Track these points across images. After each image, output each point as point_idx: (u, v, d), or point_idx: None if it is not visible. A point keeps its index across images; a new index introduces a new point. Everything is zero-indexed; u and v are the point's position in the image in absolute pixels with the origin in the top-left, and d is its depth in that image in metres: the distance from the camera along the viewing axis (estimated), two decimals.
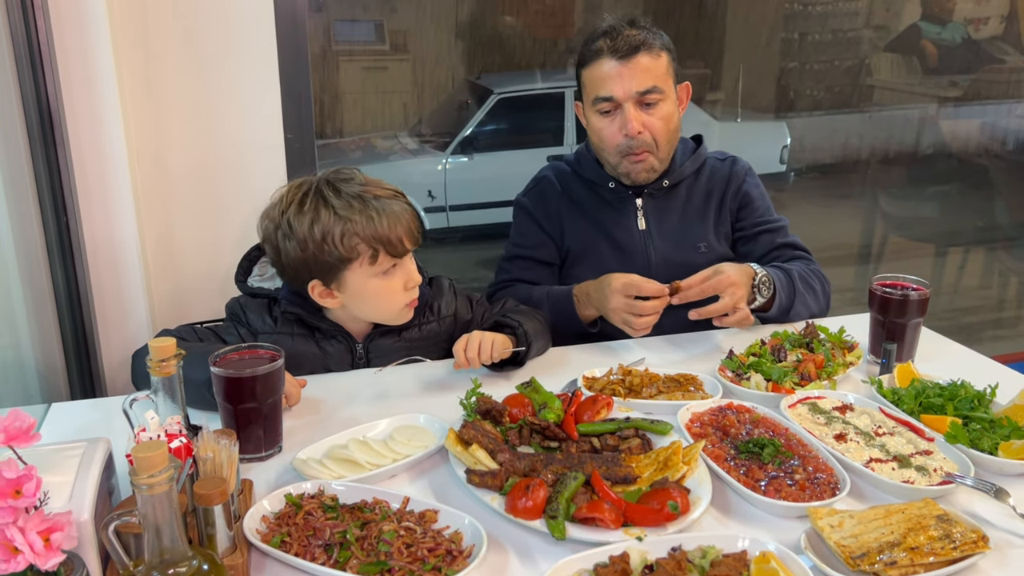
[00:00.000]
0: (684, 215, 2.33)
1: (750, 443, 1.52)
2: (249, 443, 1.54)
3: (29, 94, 1.93)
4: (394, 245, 1.80)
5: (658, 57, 2.15)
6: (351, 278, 1.83)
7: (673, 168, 2.30)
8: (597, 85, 2.17)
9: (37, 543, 0.98)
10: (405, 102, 5.38)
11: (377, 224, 1.78)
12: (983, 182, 5.34)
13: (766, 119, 5.66)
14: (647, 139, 2.17)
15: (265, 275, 2.03)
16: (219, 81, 2.16)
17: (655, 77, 2.14)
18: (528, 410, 1.62)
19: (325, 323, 1.93)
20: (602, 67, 2.15)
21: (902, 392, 1.72)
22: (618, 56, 2.12)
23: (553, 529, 1.28)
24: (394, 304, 1.89)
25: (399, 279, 1.86)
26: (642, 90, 2.13)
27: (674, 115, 2.22)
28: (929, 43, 5.29)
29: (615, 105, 2.16)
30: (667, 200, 2.32)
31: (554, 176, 2.41)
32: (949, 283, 5.31)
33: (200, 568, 1.05)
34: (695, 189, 2.34)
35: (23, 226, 1.97)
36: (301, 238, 1.79)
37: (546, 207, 2.37)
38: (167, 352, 1.32)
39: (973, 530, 1.26)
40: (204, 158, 2.20)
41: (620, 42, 2.12)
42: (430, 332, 2.02)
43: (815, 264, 2.30)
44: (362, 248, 1.79)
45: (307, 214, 1.79)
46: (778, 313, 2.12)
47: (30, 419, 1.06)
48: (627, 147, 2.18)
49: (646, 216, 2.31)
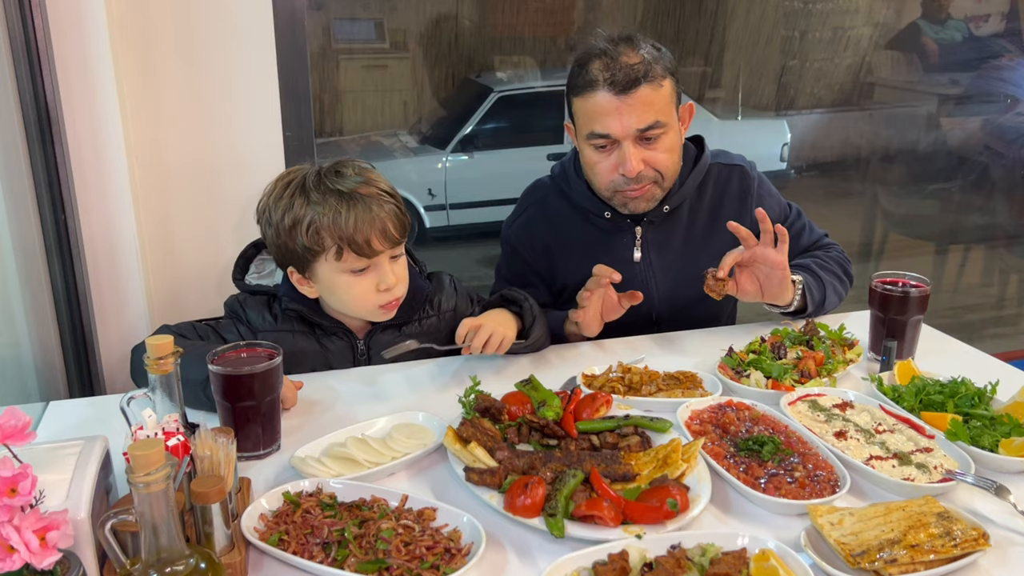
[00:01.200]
0: (687, 241, 2.18)
1: (750, 440, 1.51)
2: (247, 441, 1.53)
3: (27, 91, 1.92)
4: (359, 245, 1.76)
5: (660, 87, 1.96)
6: (320, 270, 1.83)
7: (673, 190, 2.12)
8: (592, 120, 1.98)
9: (33, 542, 0.98)
10: (405, 100, 5.38)
11: (342, 222, 1.75)
12: (984, 180, 5.34)
13: (766, 117, 5.65)
14: (648, 174, 2.02)
15: (263, 272, 2.03)
16: (218, 78, 2.15)
17: (657, 111, 1.96)
18: (527, 408, 1.61)
19: (326, 320, 1.93)
20: (597, 100, 1.95)
21: (902, 389, 1.71)
22: (616, 90, 1.92)
23: (552, 527, 1.28)
24: (364, 303, 1.86)
25: (371, 279, 1.82)
26: (643, 127, 1.95)
27: (677, 144, 2.05)
28: (929, 40, 5.29)
29: (612, 142, 1.99)
30: (668, 226, 2.16)
31: (540, 203, 2.24)
32: (949, 281, 5.30)
33: (197, 567, 1.04)
34: (699, 207, 2.18)
35: (21, 224, 1.97)
36: (275, 224, 1.82)
37: (532, 243, 2.23)
38: (164, 350, 1.31)
39: (974, 528, 1.25)
40: (202, 155, 2.20)
41: (619, 73, 1.92)
42: (430, 327, 2.01)
43: (834, 248, 2.24)
44: (328, 243, 1.78)
45: (284, 200, 1.81)
46: (814, 309, 2.07)
47: (25, 417, 1.05)
48: (623, 184, 2.03)
49: (645, 247, 2.16)
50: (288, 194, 1.81)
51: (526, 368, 1.90)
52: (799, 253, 2.23)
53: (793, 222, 2.24)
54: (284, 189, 1.82)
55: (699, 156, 2.19)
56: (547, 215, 2.23)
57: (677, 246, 2.18)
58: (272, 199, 1.83)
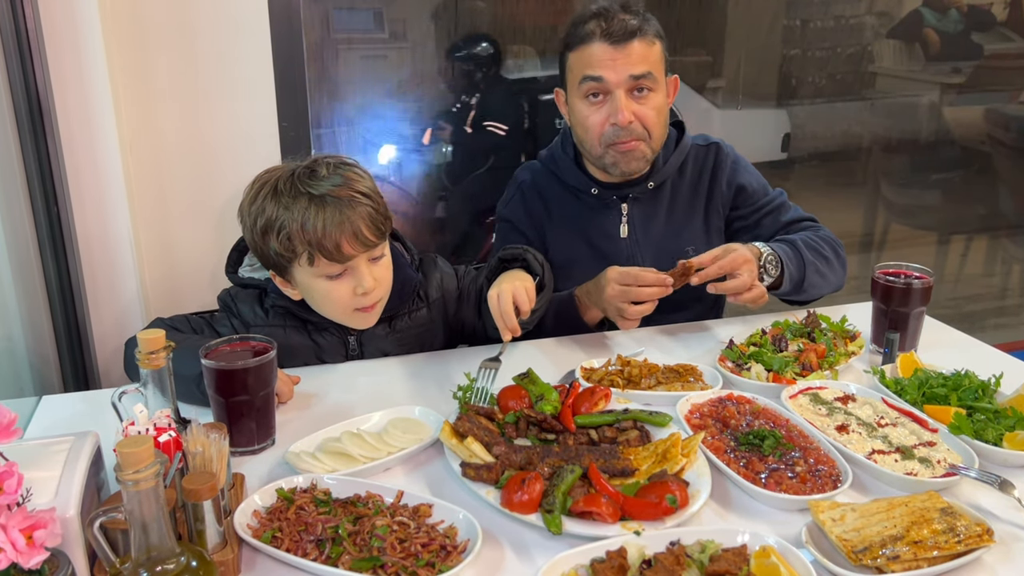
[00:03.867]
0: (670, 217, 2.23)
1: (750, 435, 1.49)
2: (241, 436, 1.52)
3: (18, 84, 1.90)
4: (329, 250, 1.70)
5: (652, 45, 2.05)
6: (297, 275, 1.79)
7: (657, 167, 2.20)
8: (586, 65, 2.05)
9: (19, 541, 0.96)
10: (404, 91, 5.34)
11: (311, 227, 1.69)
12: (986, 169, 5.31)
13: (767, 107, 5.61)
14: (638, 129, 2.06)
15: (256, 265, 2.01)
16: (212, 69, 2.13)
17: (650, 64, 2.04)
18: (525, 402, 1.59)
19: (315, 316, 1.90)
20: (593, 49, 2.03)
21: (905, 382, 1.69)
22: (611, 40, 2.01)
23: (549, 524, 1.26)
24: (341, 308, 1.82)
25: (348, 284, 1.77)
26: (636, 74, 2.02)
27: (665, 108, 2.11)
28: (931, 30, 5.25)
29: (604, 90, 2.05)
30: (652, 203, 2.22)
31: (531, 181, 2.29)
32: (951, 271, 5.28)
33: (189, 565, 1.03)
34: (680, 185, 2.24)
35: (13, 217, 1.95)
36: (249, 228, 1.79)
37: (529, 216, 2.28)
38: (156, 344, 1.29)
39: (978, 523, 1.24)
40: (197, 148, 2.18)
41: (615, 25, 2.01)
42: (421, 319, 1.99)
43: (823, 230, 2.21)
44: (299, 248, 1.72)
45: (256, 204, 1.76)
46: (791, 287, 2.02)
47: (11, 414, 1.03)
48: (613, 136, 2.06)
49: (631, 222, 2.21)
50: (261, 197, 1.75)
51: (524, 361, 1.88)
52: (779, 230, 2.22)
53: (774, 198, 2.25)
54: (258, 192, 1.77)
55: (680, 138, 2.26)
56: (539, 191, 2.29)
57: (661, 222, 2.23)
58: (247, 202, 1.79)
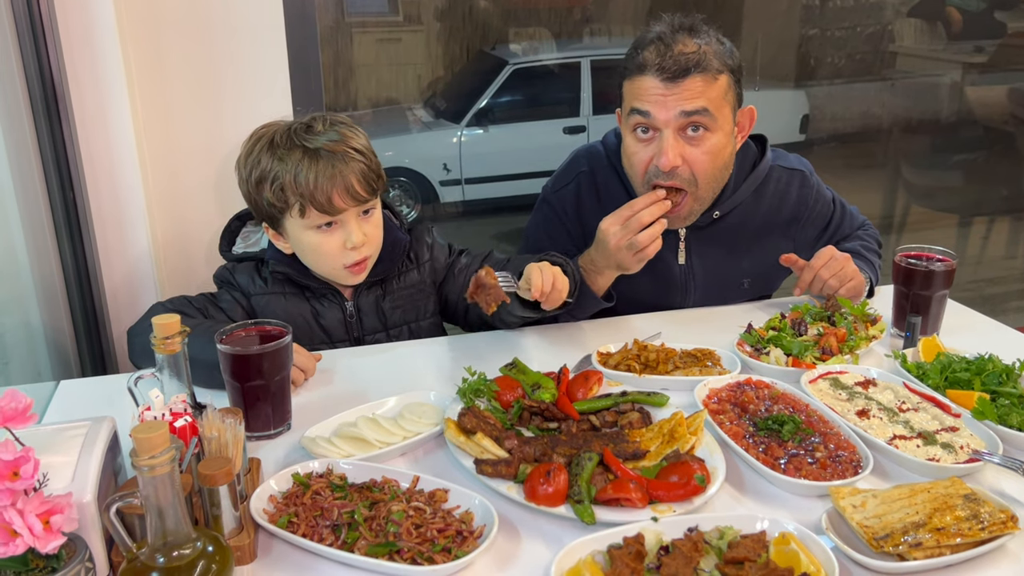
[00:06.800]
0: (733, 247, 2.08)
1: (769, 420, 1.48)
2: (257, 421, 1.52)
3: (33, 71, 1.90)
4: (320, 202, 1.75)
5: (714, 80, 1.83)
6: (289, 227, 1.83)
7: (725, 195, 2.02)
8: (635, 97, 1.86)
9: (36, 526, 0.96)
10: (419, 74, 5.33)
11: (303, 178, 1.74)
12: (1010, 150, 5.23)
13: (785, 88, 5.56)
14: (684, 174, 1.87)
15: (249, 243, 2.02)
16: (226, 52, 2.12)
17: (708, 99, 1.83)
18: (518, 392, 1.57)
19: (313, 281, 1.92)
20: (645, 82, 1.84)
21: (927, 366, 1.67)
22: (664, 76, 1.81)
23: (581, 514, 1.24)
24: (332, 262, 1.85)
25: (338, 237, 1.81)
26: (689, 110, 1.82)
27: (725, 148, 1.91)
28: (953, 8, 5.17)
29: (652, 126, 1.86)
30: (714, 232, 2.05)
31: (590, 173, 2.10)
32: (973, 254, 5.22)
33: (205, 550, 1.03)
34: (755, 211, 2.07)
35: (30, 203, 1.95)
36: (244, 179, 1.83)
37: (578, 210, 2.10)
38: (171, 329, 1.29)
39: (1002, 510, 1.22)
40: (211, 130, 2.17)
41: (668, 60, 1.81)
42: (411, 281, 2.00)
43: (870, 228, 2.26)
44: (291, 199, 1.77)
45: (252, 156, 1.81)
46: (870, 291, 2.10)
47: (27, 399, 1.03)
48: (656, 176, 1.88)
49: (688, 250, 2.07)
50: (258, 149, 1.80)
51: (522, 351, 1.87)
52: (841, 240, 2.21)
53: (840, 221, 2.22)
54: (255, 144, 1.82)
55: (759, 159, 2.09)
56: (597, 189, 2.10)
57: (721, 252, 2.08)
58: (244, 154, 1.83)
